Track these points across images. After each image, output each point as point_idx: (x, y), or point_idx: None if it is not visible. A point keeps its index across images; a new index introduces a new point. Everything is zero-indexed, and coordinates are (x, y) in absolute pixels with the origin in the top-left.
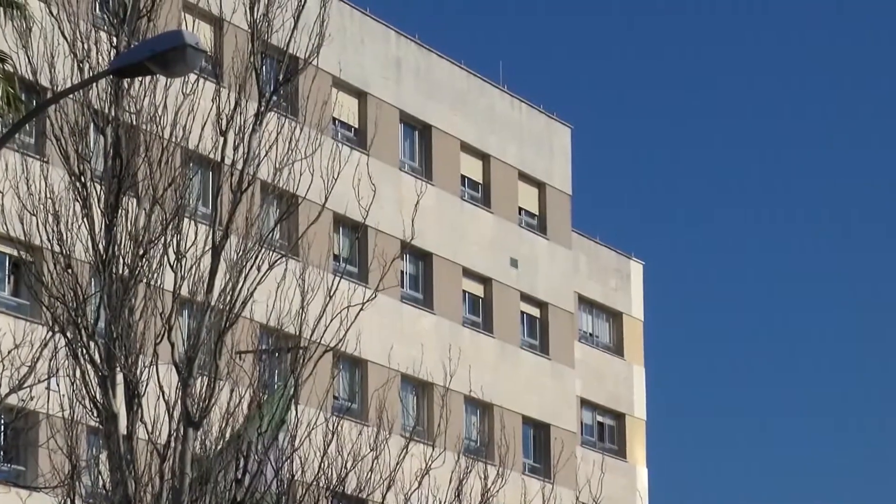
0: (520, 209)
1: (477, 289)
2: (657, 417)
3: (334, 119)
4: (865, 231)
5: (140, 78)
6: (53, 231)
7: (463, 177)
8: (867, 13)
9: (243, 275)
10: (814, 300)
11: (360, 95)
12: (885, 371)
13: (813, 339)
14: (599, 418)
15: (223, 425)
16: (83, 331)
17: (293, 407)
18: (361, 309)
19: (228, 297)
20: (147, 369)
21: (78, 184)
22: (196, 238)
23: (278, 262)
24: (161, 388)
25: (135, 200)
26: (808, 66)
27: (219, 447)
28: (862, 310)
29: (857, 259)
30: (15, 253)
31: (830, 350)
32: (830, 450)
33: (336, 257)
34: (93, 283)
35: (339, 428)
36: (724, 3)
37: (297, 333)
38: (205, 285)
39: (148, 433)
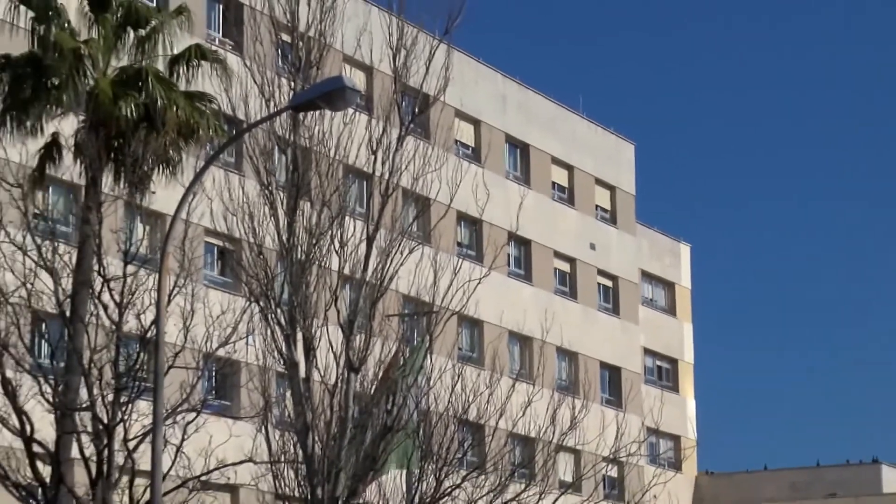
0: (596, 206)
1: (565, 266)
2: (702, 361)
3: (456, 141)
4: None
5: (312, 112)
6: (249, 227)
7: (553, 183)
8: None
9: (390, 258)
10: (828, 273)
11: (476, 123)
12: None
13: (827, 302)
14: (658, 363)
15: (377, 371)
16: (272, 301)
17: (429, 356)
18: (479, 283)
19: (379, 275)
20: (319, 329)
21: (266, 191)
22: (354, 231)
23: (416, 248)
24: (330, 343)
25: (309, 203)
26: (824, 72)
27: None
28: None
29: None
30: (221, 244)
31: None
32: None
33: (459, 244)
34: (278, 265)
35: (463, 372)
36: (742, 14)
37: (431, 301)
38: (361, 266)
39: (321, 376)
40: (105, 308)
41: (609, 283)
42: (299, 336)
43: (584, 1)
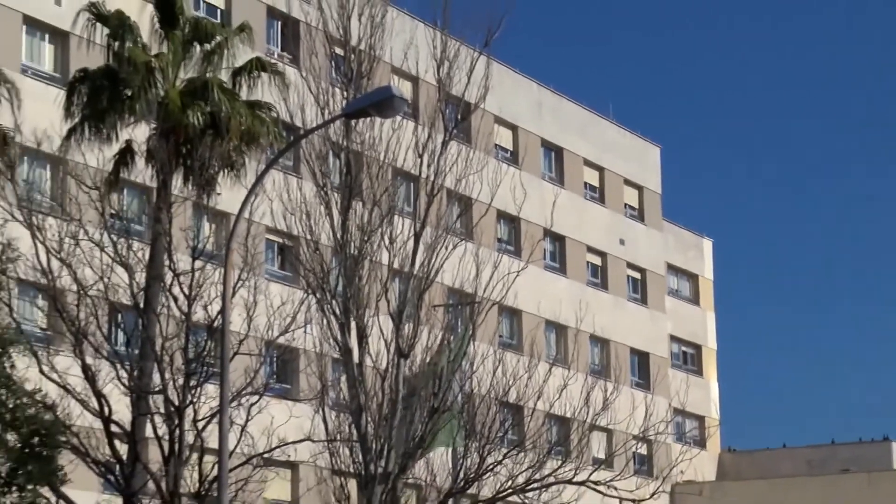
0: (625, 204)
1: (596, 260)
2: (724, 347)
3: (496, 145)
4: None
5: (363, 119)
6: (306, 225)
7: (585, 183)
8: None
9: (436, 253)
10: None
11: (513, 128)
12: None
13: (841, 294)
14: (683, 349)
15: (424, 357)
16: (328, 293)
17: (472, 343)
18: (517, 275)
19: (426, 269)
20: (371, 318)
21: (322, 192)
22: (403, 228)
23: (459, 244)
24: (381, 331)
25: (361, 203)
26: (829, 73)
27: (422, 371)
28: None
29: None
30: (280, 240)
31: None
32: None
33: (499, 240)
34: (333, 260)
35: (503, 357)
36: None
37: (474, 293)
38: (409, 260)
39: (373, 362)
40: (175, 300)
41: (637, 276)
42: (353, 325)
43: (608, 8)
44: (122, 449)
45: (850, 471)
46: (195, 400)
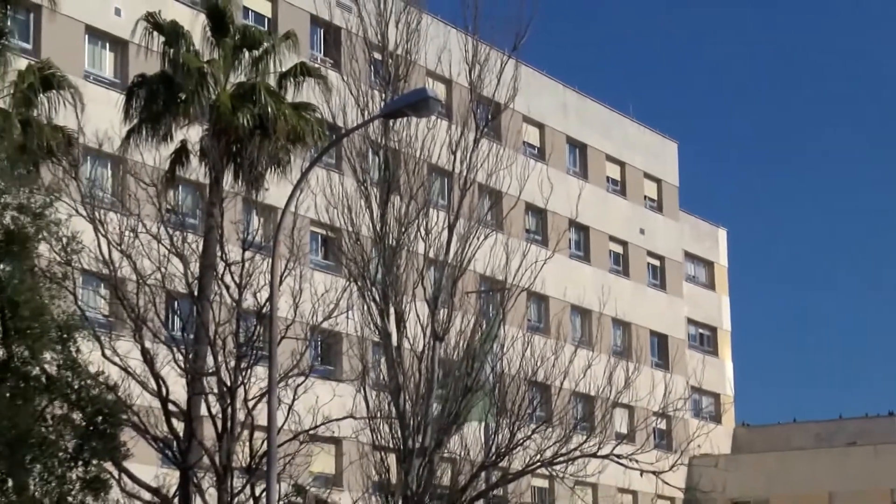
0: (645, 197)
1: (618, 248)
2: (738, 329)
3: (524, 142)
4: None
5: (400, 119)
6: (347, 218)
7: (607, 177)
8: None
9: (468, 243)
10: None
11: (540, 126)
12: None
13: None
14: (700, 331)
15: (458, 340)
16: (368, 281)
17: (502, 327)
18: (544, 263)
19: (459, 258)
20: (409, 304)
21: (362, 187)
22: (437, 220)
23: (490, 234)
24: (418, 316)
25: (398, 197)
26: (834, 70)
27: (457, 353)
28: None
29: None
30: (324, 232)
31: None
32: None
33: (527, 230)
34: (373, 250)
35: (531, 340)
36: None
37: (504, 279)
38: (444, 250)
39: (410, 344)
40: (227, 288)
41: (657, 263)
42: (391, 310)
43: (627, 12)
44: (179, 426)
45: (857, 444)
46: (246, 381)
